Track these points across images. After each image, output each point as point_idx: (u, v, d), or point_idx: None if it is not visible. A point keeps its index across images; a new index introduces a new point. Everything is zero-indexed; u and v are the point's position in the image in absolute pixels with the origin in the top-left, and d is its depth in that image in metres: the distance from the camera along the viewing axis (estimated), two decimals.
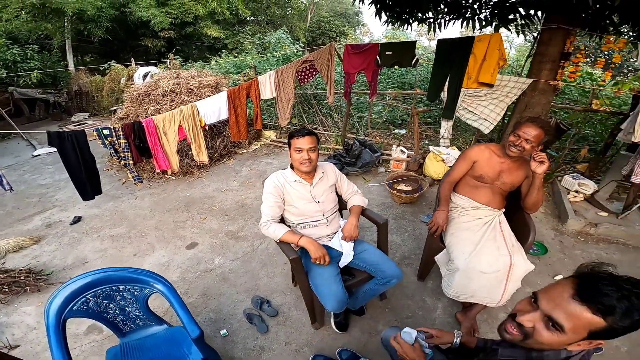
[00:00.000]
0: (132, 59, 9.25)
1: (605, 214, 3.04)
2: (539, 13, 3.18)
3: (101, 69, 10.16)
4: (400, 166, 4.27)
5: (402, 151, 4.35)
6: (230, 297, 2.37)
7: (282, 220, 1.88)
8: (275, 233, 1.71)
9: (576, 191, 3.29)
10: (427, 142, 4.90)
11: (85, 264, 2.88)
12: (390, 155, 4.48)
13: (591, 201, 3.20)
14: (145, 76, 6.93)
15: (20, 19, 9.66)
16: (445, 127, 3.72)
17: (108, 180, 4.53)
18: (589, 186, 3.23)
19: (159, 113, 3.79)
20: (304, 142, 1.71)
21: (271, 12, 18.16)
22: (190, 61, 10.88)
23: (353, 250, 1.80)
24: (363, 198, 1.97)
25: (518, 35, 3.46)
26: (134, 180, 3.26)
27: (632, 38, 2.96)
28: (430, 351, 1.12)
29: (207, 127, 3.50)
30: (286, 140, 5.37)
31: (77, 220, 3.65)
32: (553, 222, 3.11)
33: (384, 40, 12.24)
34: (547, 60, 3.03)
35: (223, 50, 12.67)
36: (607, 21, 2.96)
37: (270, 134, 5.80)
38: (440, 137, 3.82)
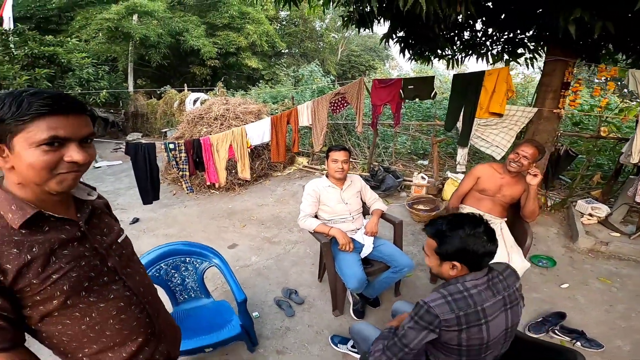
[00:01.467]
0: (185, 84, 10.35)
1: (618, 234, 3.23)
2: (545, 47, 3.50)
3: (158, 92, 11.32)
4: (421, 191, 4.62)
5: (422, 177, 4.72)
6: (263, 287, 2.77)
7: (316, 217, 2.33)
8: (311, 225, 2.17)
9: (590, 215, 3.50)
10: (448, 171, 5.24)
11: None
12: (411, 181, 4.85)
13: (604, 224, 3.41)
14: (195, 101, 7.83)
15: (97, 40, 11.05)
16: (461, 154, 4.07)
17: (161, 191, 5.19)
18: (602, 210, 3.45)
19: (210, 134, 4.45)
20: (339, 155, 2.22)
21: (305, 46, 19.53)
22: (230, 90, 11.98)
23: (373, 244, 2.20)
24: (383, 204, 2.40)
25: (528, 68, 3.80)
26: (187, 190, 3.85)
27: (628, 66, 3.24)
28: None
29: (251, 148, 4.07)
30: (316, 166, 5.96)
31: (136, 220, 4.27)
32: (565, 241, 3.36)
33: (412, 74, 12.86)
34: (550, 90, 3.33)
35: (260, 81, 13.77)
36: (604, 51, 3.27)
37: (302, 160, 6.37)
38: (457, 163, 4.17)
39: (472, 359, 1.13)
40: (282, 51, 18.78)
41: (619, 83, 6.78)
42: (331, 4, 3.07)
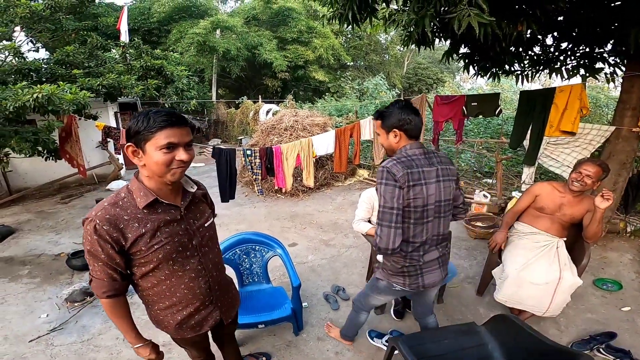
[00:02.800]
0: (260, 96, 11.32)
1: None
2: (625, 61, 3.22)
3: (236, 102, 12.57)
4: (482, 209, 4.53)
5: (484, 196, 4.62)
6: (315, 283, 3.08)
7: (369, 222, 2.55)
8: (363, 228, 2.43)
9: None
10: (517, 190, 5.02)
11: None
12: (472, 198, 4.78)
13: None
14: (268, 112, 8.60)
15: (189, 53, 12.72)
16: (527, 173, 3.94)
17: (235, 192, 5.91)
18: None
19: (281, 143, 4.98)
20: None
21: (370, 59, 19.64)
22: (298, 102, 12.70)
23: None
24: None
25: (608, 84, 3.52)
26: (258, 192, 4.39)
27: None
28: None
29: (316, 158, 4.48)
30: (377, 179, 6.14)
31: (214, 216, 4.95)
32: (639, 267, 3.14)
33: (486, 88, 12.24)
34: (629, 108, 3.10)
35: (326, 94, 14.34)
36: None
37: (363, 173, 6.63)
38: (522, 182, 4.04)
39: (418, 222, 1.45)
40: (348, 64, 19.22)
41: None
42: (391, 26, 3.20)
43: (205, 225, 1.28)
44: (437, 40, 3.33)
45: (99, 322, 2.63)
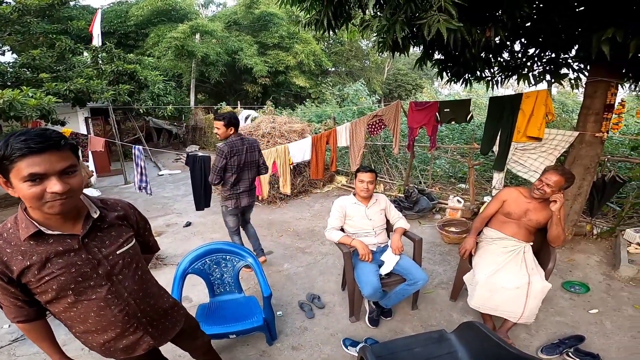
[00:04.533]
0: (239, 102, 11.15)
1: None
2: (589, 67, 3.32)
3: (215, 108, 12.33)
4: (456, 214, 4.61)
5: (458, 201, 4.71)
6: (290, 291, 3.03)
7: (342, 230, 2.56)
8: (335, 236, 2.43)
9: (638, 244, 3.33)
10: (488, 195, 5.14)
11: None
12: (447, 204, 4.86)
13: None
14: (246, 118, 8.52)
15: (166, 57, 12.40)
16: (497, 178, 4.04)
17: (211, 200, 5.77)
18: None
19: None
20: (365, 176, 2.45)
21: (351, 64, 19.75)
22: (279, 108, 12.64)
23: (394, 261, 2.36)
24: (406, 223, 2.57)
25: (572, 89, 3.64)
26: None
27: None
28: None
29: (293, 165, 4.44)
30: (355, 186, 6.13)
31: (188, 224, 4.82)
32: (605, 269, 3.24)
33: (463, 94, 12.56)
34: (592, 113, 3.19)
35: (307, 100, 14.34)
36: None
37: (341, 179, 6.61)
38: (492, 187, 4.14)
39: (235, 172, 2.89)
40: (329, 70, 19.26)
41: None
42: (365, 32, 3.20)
43: (118, 252, 1.14)
44: (411, 46, 3.36)
45: (62, 333, 2.44)
